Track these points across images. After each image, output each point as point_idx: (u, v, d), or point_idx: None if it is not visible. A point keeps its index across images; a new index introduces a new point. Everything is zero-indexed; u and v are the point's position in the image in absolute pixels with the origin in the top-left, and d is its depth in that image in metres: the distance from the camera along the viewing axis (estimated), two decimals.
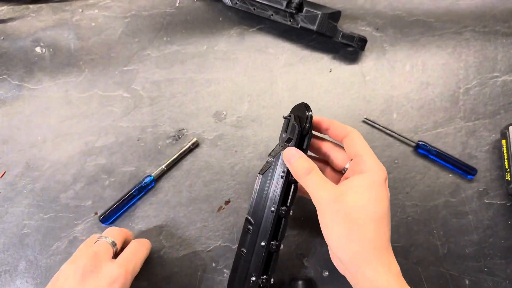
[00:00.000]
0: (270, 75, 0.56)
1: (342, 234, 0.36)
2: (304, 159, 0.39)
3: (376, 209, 0.36)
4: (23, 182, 0.52)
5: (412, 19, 0.57)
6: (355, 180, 0.38)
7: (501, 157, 0.52)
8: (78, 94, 0.55)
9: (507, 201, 0.51)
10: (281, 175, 0.41)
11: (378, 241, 0.36)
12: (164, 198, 0.51)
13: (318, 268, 0.49)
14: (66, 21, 0.58)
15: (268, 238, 0.41)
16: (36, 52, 0.57)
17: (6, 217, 0.51)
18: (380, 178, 0.38)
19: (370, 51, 0.56)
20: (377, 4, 0.57)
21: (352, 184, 0.37)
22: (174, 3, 0.58)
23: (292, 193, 0.42)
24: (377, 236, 0.36)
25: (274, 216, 0.41)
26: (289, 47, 0.56)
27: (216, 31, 0.57)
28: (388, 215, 0.37)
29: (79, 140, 0.54)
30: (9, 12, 0.59)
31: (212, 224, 0.50)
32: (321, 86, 0.55)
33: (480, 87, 0.55)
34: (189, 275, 0.49)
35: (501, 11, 0.57)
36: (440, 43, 0.56)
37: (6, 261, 0.50)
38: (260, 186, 0.42)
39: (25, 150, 0.53)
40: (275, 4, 0.53)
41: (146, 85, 0.55)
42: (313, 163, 0.39)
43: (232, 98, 0.55)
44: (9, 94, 0.56)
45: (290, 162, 0.39)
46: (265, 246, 0.41)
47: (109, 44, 0.57)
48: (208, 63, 0.56)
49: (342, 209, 0.36)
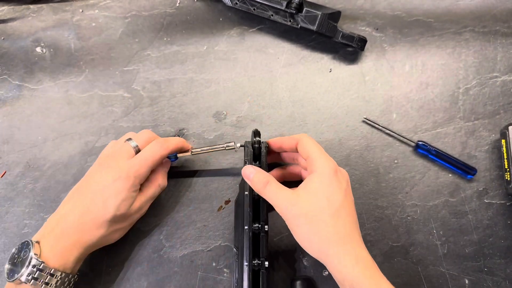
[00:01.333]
0: (270, 75, 0.56)
1: (305, 234, 0.39)
2: (260, 173, 0.42)
3: (330, 203, 0.39)
4: (24, 182, 0.52)
5: (412, 19, 0.57)
6: (307, 181, 0.41)
7: (501, 157, 0.52)
8: (78, 94, 0.55)
9: (506, 201, 0.51)
10: (246, 193, 0.43)
11: (339, 234, 0.38)
12: (164, 198, 0.51)
13: (318, 267, 0.49)
14: (67, 21, 0.58)
15: (249, 258, 0.41)
16: (36, 52, 0.57)
17: (6, 216, 0.51)
18: (329, 172, 0.40)
19: (370, 51, 0.56)
20: (377, 5, 0.57)
21: (306, 186, 0.40)
22: (174, 3, 0.59)
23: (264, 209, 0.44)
24: (337, 229, 0.38)
25: (249, 234, 0.42)
26: (289, 47, 0.57)
27: (216, 31, 0.57)
28: (346, 206, 0.39)
29: (80, 140, 0.54)
30: (9, 12, 0.59)
31: (212, 224, 0.50)
32: (321, 86, 0.55)
33: (479, 87, 0.55)
34: (189, 275, 0.49)
35: (500, 11, 0.57)
36: (439, 43, 0.56)
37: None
38: (235, 214, 0.46)
39: (26, 150, 0.54)
40: (275, 4, 0.53)
41: (146, 85, 0.55)
42: (269, 175, 0.42)
43: (232, 98, 0.55)
44: (10, 94, 0.56)
45: (249, 179, 0.42)
46: (248, 265, 0.41)
47: (110, 44, 0.57)
48: (208, 63, 0.56)
49: (300, 212, 0.39)
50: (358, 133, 0.53)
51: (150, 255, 0.49)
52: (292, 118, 0.54)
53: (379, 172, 0.52)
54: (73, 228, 0.41)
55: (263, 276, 0.41)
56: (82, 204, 0.42)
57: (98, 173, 0.43)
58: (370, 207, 0.50)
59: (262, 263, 0.41)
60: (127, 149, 0.45)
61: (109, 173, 0.42)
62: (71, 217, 0.41)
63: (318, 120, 0.54)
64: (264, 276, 0.41)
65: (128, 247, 0.49)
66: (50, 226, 0.42)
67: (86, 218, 0.41)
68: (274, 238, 0.50)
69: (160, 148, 0.45)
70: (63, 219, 0.41)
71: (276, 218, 0.50)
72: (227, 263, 0.49)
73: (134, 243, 0.49)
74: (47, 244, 0.40)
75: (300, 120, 0.54)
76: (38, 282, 0.38)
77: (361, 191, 0.51)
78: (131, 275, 0.48)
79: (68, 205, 0.43)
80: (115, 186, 0.42)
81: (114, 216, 0.42)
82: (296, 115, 0.54)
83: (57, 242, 0.40)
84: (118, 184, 0.42)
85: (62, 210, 0.43)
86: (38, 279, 0.38)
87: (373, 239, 0.50)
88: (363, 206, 0.51)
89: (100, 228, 0.42)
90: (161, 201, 0.51)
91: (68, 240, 0.40)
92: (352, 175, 0.52)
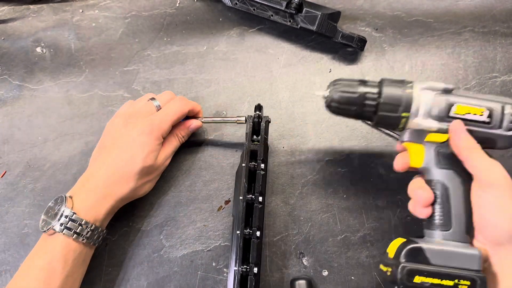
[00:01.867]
0: (270, 75, 0.56)
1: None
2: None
3: None
4: (24, 182, 0.53)
5: (411, 19, 0.57)
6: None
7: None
8: (78, 94, 0.55)
9: None
10: (243, 165, 0.45)
11: None
12: (164, 198, 0.51)
13: (318, 268, 0.49)
14: (67, 21, 0.58)
15: (241, 226, 0.43)
16: (36, 52, 0.57)
17: (6, 216, 0.51)
18: None
19: (370, 51, 0.56)
20: (377, 5, 0.57)
21: None
22: (174, 4, 0.59)
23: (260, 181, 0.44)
24: None
25: (243, 204, 0.43)
26: (288, 47, 0.57)
27: (216, 32, 0.57)
28: None
29: (80, 140, 0.54)
30: (9, 12, 0.59)
31: (212, 224, 0.50)
32: (320, 86, 0.55)
33: (479, 87, 0.55)
34: (189, 275, 0.49)
35: (500, 11, 0.57)
36: (439, 43, 0.56)
37: (7, 260, 0.50)
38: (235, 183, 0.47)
39: (26, 150, 0.54)
40: (275, 4, 0.53)
41: (146, 85, 0.55)
42: None
43: (232, 98, 0.55)
44: (10, 94, 0.56)
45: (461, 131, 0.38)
46: (240, 234, 0.43)
47: (110, 44, 0.57)
48: (208, 64, 0.56)
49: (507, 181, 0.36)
50: (358, 133, 0.53)
51: (150, 255, 0.49)
52: (292, 118, 0.54)
53: (379, 172, 0.52)
54: (103, 182, 0.44)
55: (253, 245, 0.42)
56: (110, 160, 0.44)
57: (123, 129, 0.46)
58: (370, 207, 0.50)
59: (254, 232, 0.43)
60: (151, 107, 0.48)
61: (135, 128, 0.45)
62: (101, 172, 0.44)
63: (318, 120, 0.54)
64: (254, 245, 0.42)
65: (128, 247, 0.49)
66: (81, 182, 0.45)
67: (116, 172, 0.44)
68: (274, 238, 0.50)
69: (181, 104, 0.48)
70: (93, 175, 0.44)
71: (276, 219, 0.50)
72: (227, 263, 0.49)
73: (134, 243, 0.50)
74: (79, 198, 0.43)
75: (300, 120, 0.54)
76: (70, 231, 0.40)
77: (361, 191, 0.51)
78: (131, 275, 0.48)
79: (96, 162, 0.46)
80: (141, 140, 0.44)
81: (142, 168, 0.44)
82: (296, 115, 0.54)
83: (88, 196, 0.43)
84: (143, 138, 0.45)
85: (92, 168, 0.46)
86: (70, 229, 0.41)
87: (373, 239, 0.50)
88: (363, 206, 0.51)
89: (130, 181, 0.44)
90: (161, 201, 0.51)
91: (99, 194, 0.43)
92: (352, 175, 0.52)
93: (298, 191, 0.51)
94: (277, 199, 0.51)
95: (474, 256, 0.37)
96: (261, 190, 0.44)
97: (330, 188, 0.51)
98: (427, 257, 0.37)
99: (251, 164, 0.45)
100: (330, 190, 0.51)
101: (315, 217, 0.51)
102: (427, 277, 0.36)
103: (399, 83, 0.39)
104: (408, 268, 0.37)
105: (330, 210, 0.51)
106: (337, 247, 0.49)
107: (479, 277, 0.36)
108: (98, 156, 0.47)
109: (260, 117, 0.47)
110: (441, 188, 0.39)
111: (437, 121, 0.39)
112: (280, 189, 0.51)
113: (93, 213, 0.42)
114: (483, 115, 0.38)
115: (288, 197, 0.51)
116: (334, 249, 0.49)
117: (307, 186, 0.51)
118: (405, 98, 0.38)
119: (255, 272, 0.42)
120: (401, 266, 0.37)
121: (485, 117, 0.38)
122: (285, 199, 0.51)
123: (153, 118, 0.46)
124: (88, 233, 0.42)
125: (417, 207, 0.40)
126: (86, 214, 0.42)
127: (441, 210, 0.39)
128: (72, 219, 0.41)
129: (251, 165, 0.45)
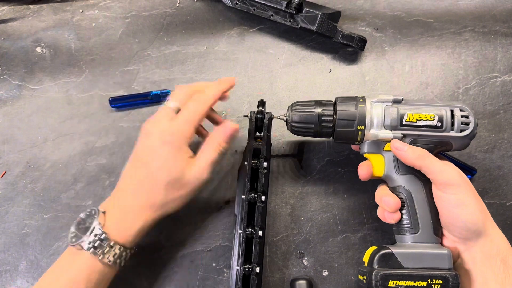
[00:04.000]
0: (270, 75, 0.56)
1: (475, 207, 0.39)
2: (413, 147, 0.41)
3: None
4: (24, 182, 0.53)
5: (412, 19, 0.57)
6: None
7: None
8: (78, 94, 0.55)
9: (506, 201, 0.51)
10: (245, 163, 0.44)
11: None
12: None
13: (318, 268, 0.49)
14: (67, 21, 0.58)
15: (244, 226, 0.42)
16: (36, 52, 0.57)
17: (6, 216, 0.51)
18: None
19: (370, 51, 0.56)
20: (377, 5, 0.57)
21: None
22: (175, 4, 0.59)
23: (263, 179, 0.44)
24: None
25: (245, 203, 0.43)
26: (289, 47, 0.57)
27: (216, 32, 0.57)
28: None
29: (80, 140, 0.54)
30: (9, 12, 0.59)
31: (212, 224, 0.50)
32: (320, 86, 0.55)
33: (479, 87, 0.55)
34: (189, 275, 0.49)
35: (500, 11, 0.57)
36: (439, 43, 0.56)
37: (7, 260, 0.50)
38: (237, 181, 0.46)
39: (26, 150, 0.54)
40: (275, 4, 0.53)
41: (146, 85, 0.55)
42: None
43: (232, 98, 0.55)
44: (10, 94, 0.56)
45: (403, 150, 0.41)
46: (242, 233, 0.42)
47: (110, 44, 0.57)
48: (208, 64, 0.56)
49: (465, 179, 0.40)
50: None
51: (150, 255, 0.49)
52: None
53: None
54: (133, 201, 0.42)
55: (255, 244, 0.42)
56: (137, 177, 0.42)
57: (145, 142, 0.43)
58: (370, 207, 0.50)
59: (256, 232, 0.42)
60: (166, 112, 0.43)
61: (154, 139, 0.42)
62: (130, 190, 0.42)
63: None
64: (256, 245, 0.42)
65: None
66: (114, 198, 0.43)
67: (142, 189, 0.42)
68: (274, 238, 0.50)
69: (198, 106, 0.43)
70: (123, 193, 0.43)
71: (276, 219, 0.50)
72: (227, 263, 0.49)
73: None
74: (112, 216, 0.41)
75: None
76: (97, 251, 0.39)
77: (361, 191, 0.51)
78: (131, 275, 0.48)
79: (125, 179, 0.44)
80: (162, 152, 0.41)
81: (168, 182, 0.41)
82: None
83: (120, 215, 0.41)
84: (164, 149, 0.41)
85: (122, 184, 0.44)
86: (97, 249, 0.39)
87: (373, 239, 0.50)
88: (363, 206, 0.51)
89: (157, 196, 0.42)
90: None
91: (130, 213, 0.41)
92: (352, 175, 0.52)
93: (298, 191, 0.51)
94: (277, 199, 0.51)
95: (444, 255, 0.39)
96: (264, 189, 0.44)
97: (330, 188, 0.51)
98: (399, 261, 0.39)
99: (253, 163, 0.45)
100: (330, 190, 0.51)
101: (315, 217, 0.50)
102: (400, 281, 0.38)
103: (351, 99, 0.42)
104: (381, 273, 0.38)
105: (330, 210, 0.51)
106: (337, 247, 0.49)
107: (450, 275, 0.37)
108: (127, 172, 0.44)
109: (263, 113, 0.46)
110: (405, 193, 0.41)
111: (391, 131, 0.41)
112: (280, 189, 0.51)
113: (123, 234, 0.41)
114: (434, 120, 0.40)
115: (288, 197, 0.51)
116: (334, 249, 0.49)
117: (307, 186, 0.51)
118: (359, 112, 0.41)
119: (257, 272, 0.42)
120: (374, 272, 0.38)
121: (436, 122, 0.41)
122: (285, 199, 0.51)
123: (171, 126, 0.42)
124: (115, 255, 0.40)
125: (385, 213, 0.42)
126: (116, 234, 0.40)
127: (407, 214, 0.41)
128: (101, 239, 0.39)
129: (253, 164, 0.45)
